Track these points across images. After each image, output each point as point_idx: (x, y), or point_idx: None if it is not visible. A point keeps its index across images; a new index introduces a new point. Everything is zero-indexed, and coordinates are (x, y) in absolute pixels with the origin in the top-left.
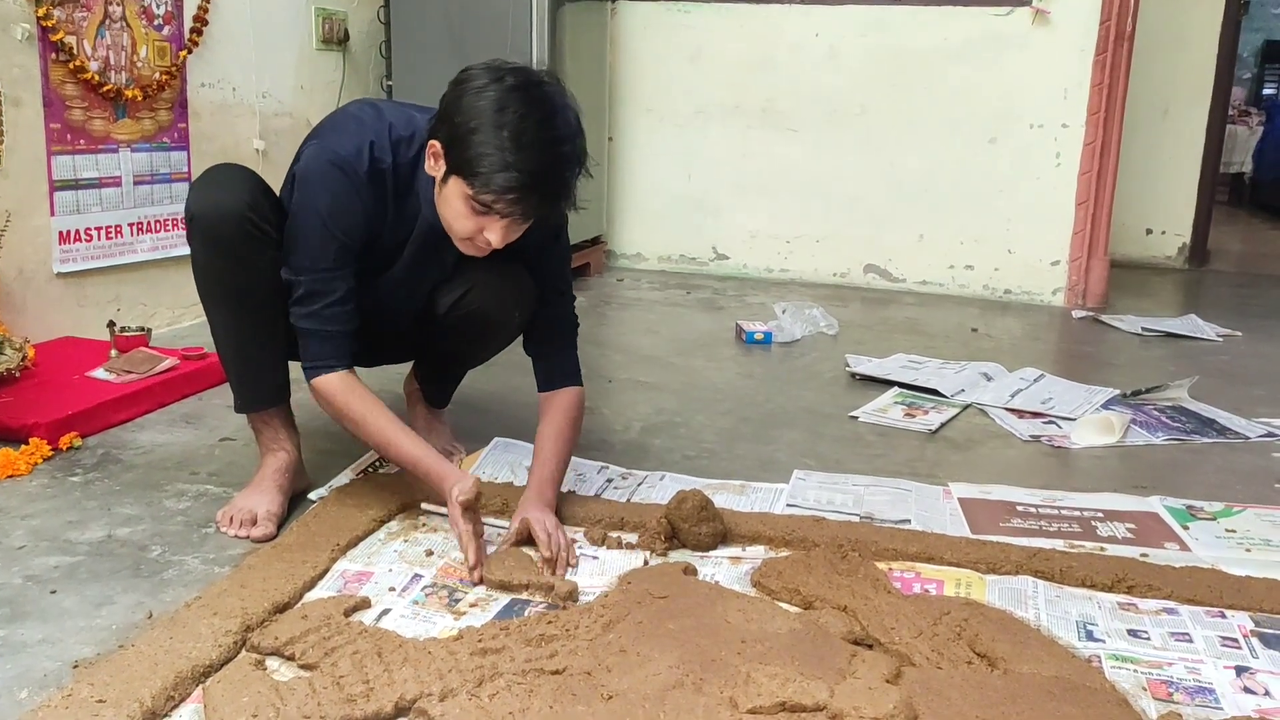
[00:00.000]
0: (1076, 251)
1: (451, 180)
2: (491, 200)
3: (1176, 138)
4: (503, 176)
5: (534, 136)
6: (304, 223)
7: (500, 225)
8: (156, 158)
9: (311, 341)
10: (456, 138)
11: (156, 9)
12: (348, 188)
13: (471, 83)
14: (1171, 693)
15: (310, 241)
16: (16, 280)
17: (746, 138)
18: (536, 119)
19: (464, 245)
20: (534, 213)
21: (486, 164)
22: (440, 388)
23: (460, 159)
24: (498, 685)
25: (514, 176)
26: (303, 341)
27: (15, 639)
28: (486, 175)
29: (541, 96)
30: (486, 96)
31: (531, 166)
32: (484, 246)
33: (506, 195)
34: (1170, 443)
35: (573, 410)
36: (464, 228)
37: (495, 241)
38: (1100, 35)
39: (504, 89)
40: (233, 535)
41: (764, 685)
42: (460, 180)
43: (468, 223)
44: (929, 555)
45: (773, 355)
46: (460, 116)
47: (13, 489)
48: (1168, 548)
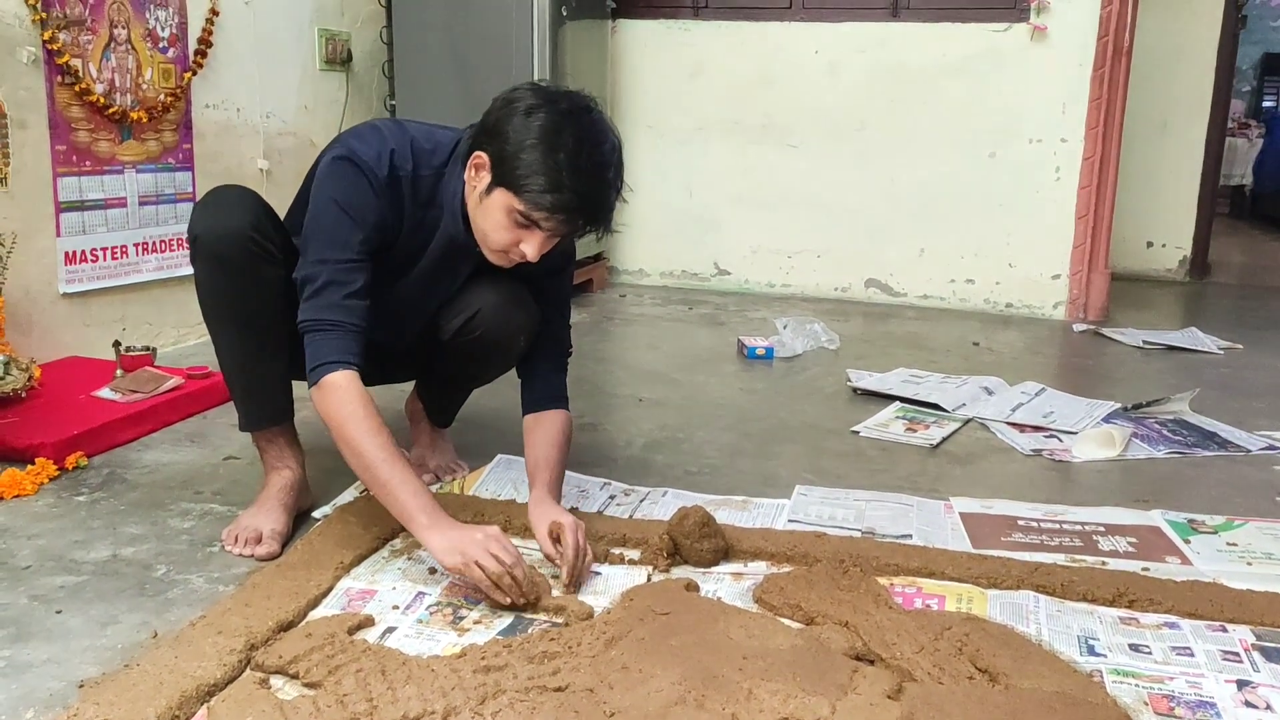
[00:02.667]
0: (1077, 265)
1: (497, 192)
2: (541, 218)
3: (1176, 151)
4: (554, 196)
5: (586, 161)
6: (324, 214)
7: (539, 239)
8: (161, 178)
9: (326, 336)
10: (508, 153)
11: (161, 31)
12: (366, 184)
13: (523, 102)
14: (1173, 707)
15: (332, 231)
16: (23, 301)
17: (747, 154)
18: (590, 145)
19: (495, 256)
20: (577, 232)
21: (539, 183)
22: (443, 407)
23: (510, 173)
24: (501, 703)
25: (567, 197)
26: (315, 338)
27: (21, 659)
28: (538, 193)
29: (591, 123)
30: (540, 117)
31: (583, 189)
32: (516, 259)
33: (556, 214)
34: (1172, 456)
35: (563, 432)
36: (501, 239)
37: (531, 255)
38: (1098, 50)
39: (558, 112)
40: (237, 554)
41: (766, 701)
42: (509, 194)
43: (506, 234)
44: (930, 570)
45: (774, 370)
46: (514, 133)
47: (19, 509)
48: (1169, 561)
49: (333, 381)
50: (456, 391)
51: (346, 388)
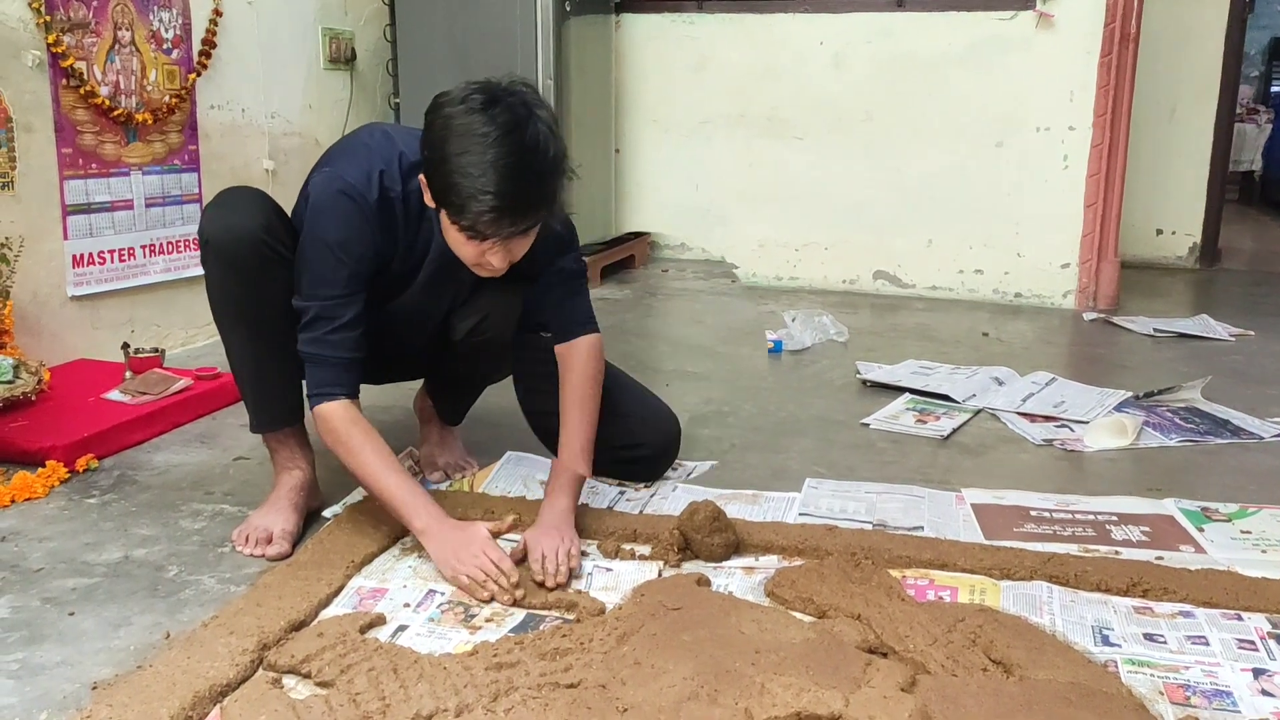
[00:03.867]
0: (1086, 254)
1: (443, 213)
2: (472, 225)
3: (1184, 137)
4: (475, 203)
5: (498, 155)
6: (313, 252)
7: (497, 248)
8: (168, 180)
9: (316, 368)
10: (433, 171)
11: (165, 33)
12: (357, 216)
13: (440, 111)
14: (1189, 696)
15: (319, 269)
16: (31, 304)
17: (752, 147)
18: (498, 136)
19: (476, 269)
20: (520, 227)
21: (460, 193)
22: (453, 406)
23: (440, 192)
24: (513, 700)
25: (487, 200)
26: (308, 368)
27: (34, 661)
28: (461, 204)
29: (504, 112)
30: (453, 124)
31: (502, 186)
32: (492, 269)
33: (483, 219)
34: (1184, 444)
35: (592, 363)
36: (466, 255)
37: (498, 263)
38: (1105, 37)
39: (467, 111)
40: (248, 554)
41: (779, 695)
42: (446, 213)
43: (468, 249)
44: (942, 562)
45: (783, 363)
46: (432, 149)
47: (30, 511)
48: (1183, 550)
49: (322, 413)
50: (467, 391)
51: (332, 415)
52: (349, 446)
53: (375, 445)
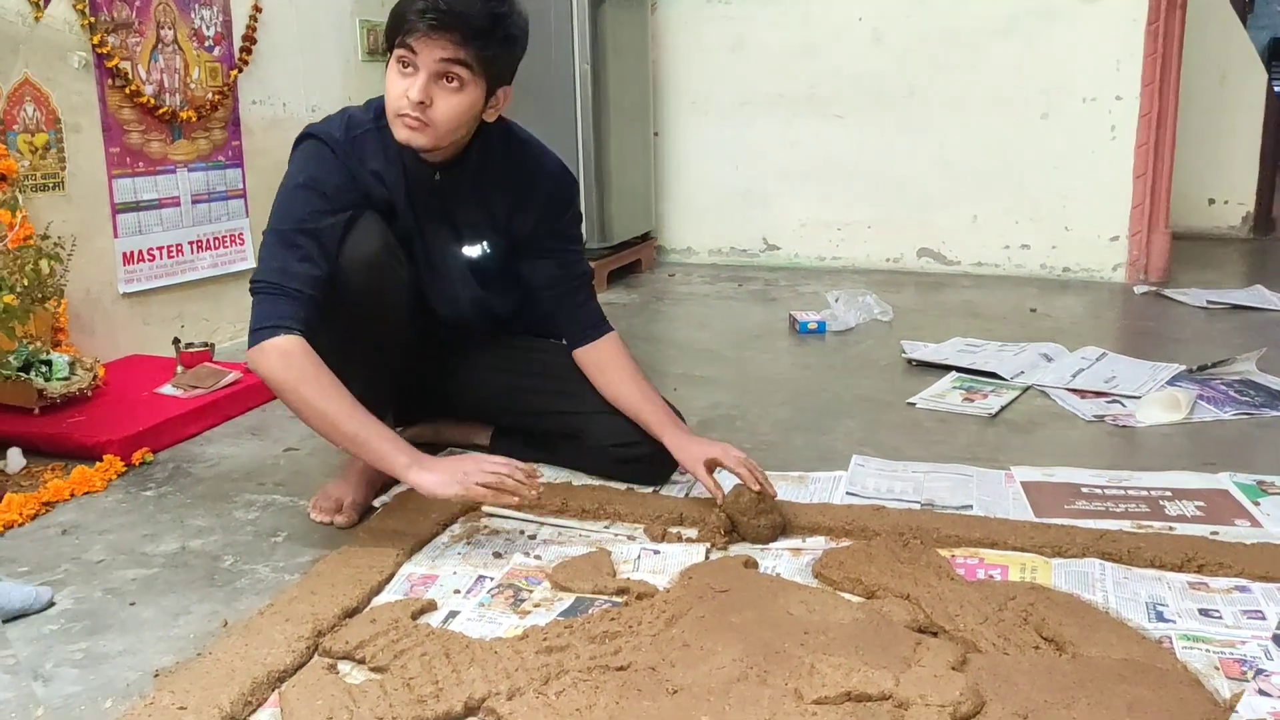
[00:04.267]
0: (1136, 225)
1: (390, 60)
2: (410, 35)
3: (1236, 104)
4: (415, 6)
5: None
6: (283, 195)
7: (421, 75)
8: (213, 176)
9: (271, 299)
10: (390, 19)
11: (207, 30)
12: (324, 151)
13: None
14: (1245, 671)
15: (285, 202)
16: (84, 302)
17: (792, 126)
18: None
19: (398, 126)
20: (445, 35)
21: (403, 7)
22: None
23: (390, 29)
24: (564, 683)
25: (426, 1)
26: (261, 300)
27: (98, 650)
28: (404, 15)
29: None
30: None
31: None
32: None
33: (421, 19)
34: (1239, 417)
35: (626, 355)
36: (392, 97)
37: (414, 94)
38: (1151, 4)
39: None
40: (318, 520)
41: (828, 676)
42: (394, 50)
43: (394, 89)
44: (992, 541)
45: (827, 344)
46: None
47: (90, 505)
48: (1238, 525)
49: (276, 345)
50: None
51: (292, 350)
52: (314, 384)
53: (343, 387)
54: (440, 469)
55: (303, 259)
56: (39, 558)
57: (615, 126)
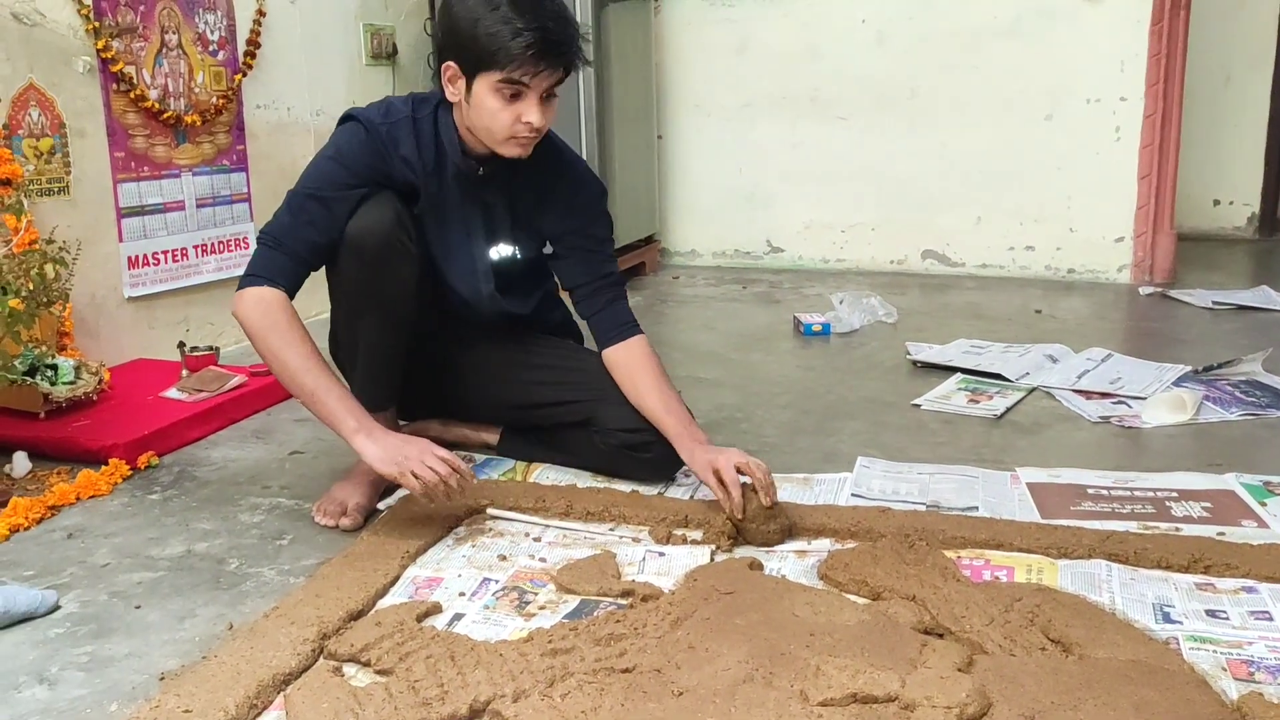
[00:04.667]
0: (1141, 226)
1: (477, 81)
2: (523, 72)
3: (1240, 104)
4: (518, 41)
5: (530, 4)
6: (313, 165)
7: (534, 102)
8: (217, 180)
9: (268, 252)
10: (465, 42)
11: (211, 35)
12: (360, 132)
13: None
14: (1253, 672)
15: (311, 170)
16: (89, 307)
17: (796, 128)
18: None
19: (509, 146)
20: (556, 65)
21: (500, 41)
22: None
23: (477, 57)
24: (569, 685)
25: (528, 35)
26: (260, 250)
27: (104, 654)
28: (505, 48)
29: None
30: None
31: (538, 21)
32: (528, 135)
33: (528, 53)
34: (1245, 418)
35: (652, 358)
36: (503, 122)
37: (536, 120)
38: (1155, 4)
39: None
40: (322, 523)
41: (834, 677)
42: (486, 74)
43: (505, 114)
44: (998, 542)
45: (832, 346)
46: (459, 24)
47: (96, 509)
48: (1245, 525)
49: (258, 294)
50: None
51: (271, 301)
52: (283, 333)
53: (313, 344)
54: (385, 445)
55: (308, 223)
56: (45, 561)
57: (619, 129)
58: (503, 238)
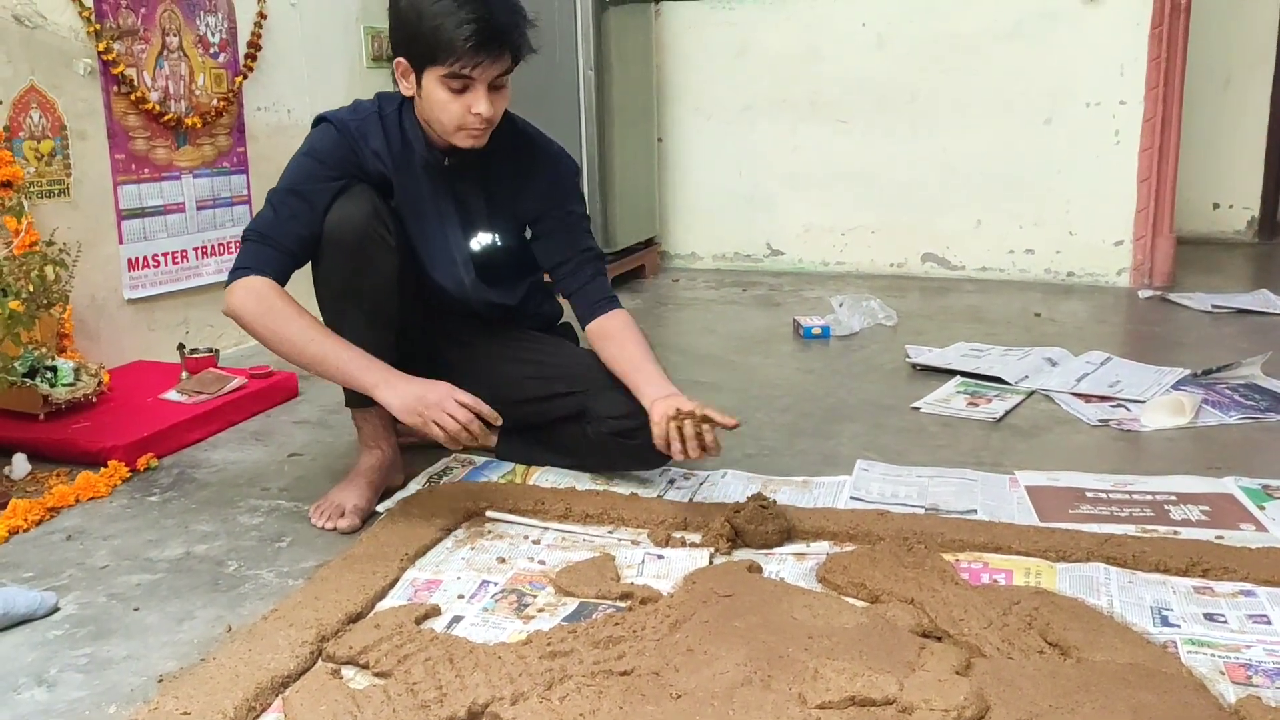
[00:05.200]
0: (1141, 230)
1: (425, 76)
2: (461, 62)
3: (1240, 108)
4: (459, 33)
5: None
6: (290, 165)
7: (480, 92)
8: (217, 182)
9: (253, 246)
10: (411, 36)
11: (212, 37)
12: (331, 130)
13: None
14: (1250, 676)
15: (288, 169)
16: (89, 308)
17: (796, 131)
18: None
19: (461, 137)
20: (499, 54)
21: (443, 32)
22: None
23: (423, 49)
24: (567, 688)
25: (469, 26)
26: (245, 246)
27: (102, 655)
28: (447, 40)
29: None
30: None
31: (478, 11)
32: (478, 126)
33: (469, 44)
34: (1244, 422)
35: (632, 328)
36: (452, 114)
37: (484, 109)
38: (1155, 8)
39: None
40: (320, 526)
41: (832, 680)
42: (432, 69)
43: (454, 107)
44: (997, 545)
45: (831, 349)
46: (405, 20)
47: (94, 510)
48: (1244, 529)
49: (245, 283)
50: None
51: (260, 286)
52: (280, 314)
53: (311, 316)
54: (405, 394)
55: (290, 217)
56: (44, 563)
57: (619, 132)
58: (481, 226)
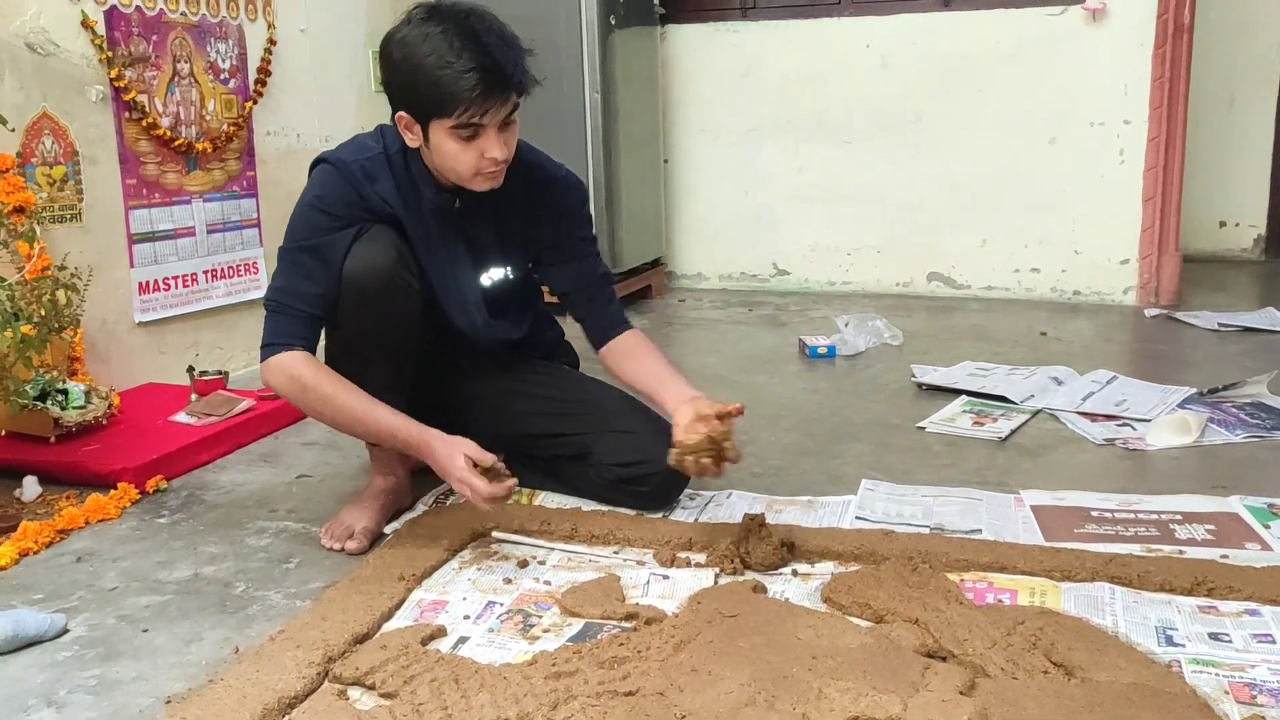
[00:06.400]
0: (1146, 248)
1: (432, 129)
2: (475, 113)
3: (1245, 127)
4: (463, 81)
5: (463, 38)
6: (295, 215)
7: (492, 135)
8: (228, 206)
9: (278, 318)
10: (411, 89)
11: (222, 63)
12: (334, 174)
13: (391, 42)
14: (1255, 695)
15: (294, 222)
16: (100, 332)
17: (801, 152)
18: (455, 25)
19: (478, 181)
20: (505, 97)
21: (445, 85)
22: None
23: (426, 103)
24: (572, 708)
25: (471, 75)
26: (270, 318)
27: (111, 677)
28: (450, 92)
29: (449, 10)
30: (409, 39)
31: (478, 59)
32: (494, 170)
33: (474, 93)
34: (1250, 440)
35: (648, 344)
36: (467, 162)
37: (498, 153)
38: (1159, 28)
39: (414, 26)
40: (329, 547)
41: (836, 700)
42: (438, 121)
43: (467, 155)
44: (1001, 565)
45: (837, 369)
46: (401, 73)
47: (104, 532)
48: (1249, 548)
49: (279, 361)
50: None
51: (294, 363)
52: (322, 390)
53: (351, 385)
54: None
55: (305, 276)
56: (53, 585)
57: (625, 153)
58: (493, 261)
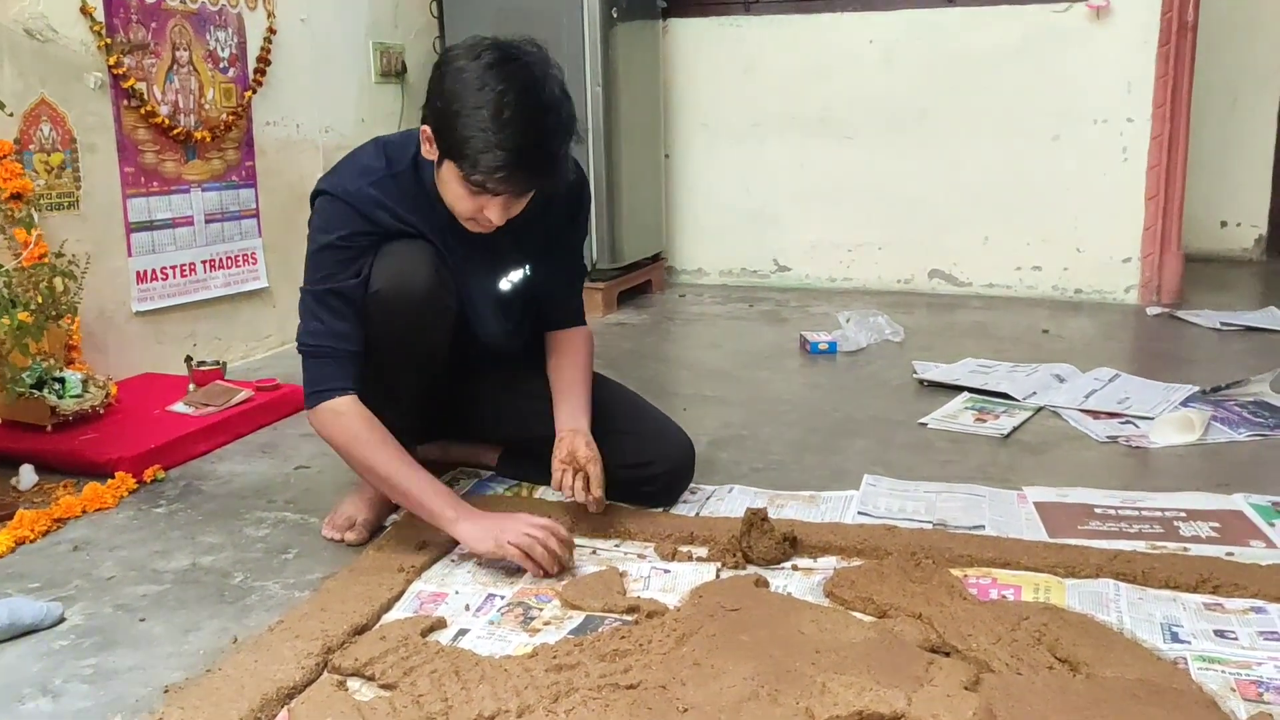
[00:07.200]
0: (1149, 247)
1: (445, 164)
2: (483, 180)
3: (1248, 126)
4: (489, 156)
5: (514, 113)
6: (308, 249)
7: (497, 204)
8: (226, 196)
9: (320, 363)
10: (443, 122)
11: (222, 52)
12: (335, 204)
13: (451, 64)
14: (1261, 693)
15: (312, 263)
16: (98, 321)
17: (804, 147)
18: (516, 93)
19: (469, 224)
20: (527, 187)
21: (473, 146)
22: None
23: (449, 143)
24: (573, 701)
25: (500, 155)
26: (311, 363)
27: (108, 666)
28: (474, 157)
29: (520, 70)
30: (465, 78)
31: (516, 143)
32: (486, 225)
33: (496, 174)
34: (1253, 439)
35: (584, 351)
36: (465, 208)
37: (495, 219)
38: (1162, 27)
39: (481, 67)
40: (329, 536)
41: (840, 695)
42: (453, 163)
43: (468, 203)
44: (1005, 561)
45: (838, 365)
46: (443, 100)
47: (101, 521)
48: (1254, 545)
49: (332, 407)
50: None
51: (345, 411)
52: (366, 442)
53: (395, 443)
54: (482, 525)
55: (339, 317)
56: (50, 574)
57: (626, 148)
58: (511, 264)
